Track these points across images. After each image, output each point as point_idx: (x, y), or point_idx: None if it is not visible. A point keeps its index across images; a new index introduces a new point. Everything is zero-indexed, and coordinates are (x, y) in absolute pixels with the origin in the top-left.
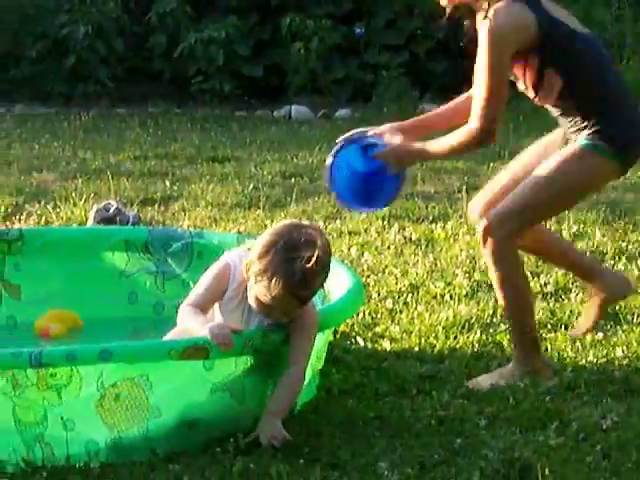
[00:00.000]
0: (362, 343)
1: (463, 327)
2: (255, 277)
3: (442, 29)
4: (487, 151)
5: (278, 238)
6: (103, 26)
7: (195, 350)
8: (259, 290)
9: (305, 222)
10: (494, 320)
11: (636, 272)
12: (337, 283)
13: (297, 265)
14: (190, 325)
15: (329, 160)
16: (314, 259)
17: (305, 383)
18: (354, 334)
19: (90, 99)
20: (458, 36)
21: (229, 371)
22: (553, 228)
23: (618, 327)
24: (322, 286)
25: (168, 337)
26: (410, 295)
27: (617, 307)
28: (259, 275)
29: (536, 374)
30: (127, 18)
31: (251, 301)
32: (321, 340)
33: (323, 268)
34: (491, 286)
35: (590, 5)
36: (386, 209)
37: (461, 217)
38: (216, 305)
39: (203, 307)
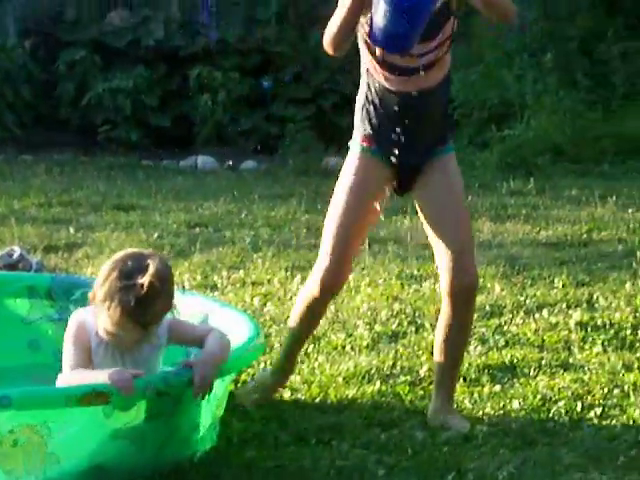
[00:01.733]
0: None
1: (363, 378)
2: (99, 308)
3: (348, 84)
4: (391, 206)
5: (114, 267)
6: (10, 73)
7: (95, 396)
8: (104, 320)
9: (146, 251)
10: (394, 371)
11: (533, 326)
12: (238, 332)
13: (131, 292)
14: (84, 376)
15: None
16: (147, 285)
17: (205, 431)
18: None
19: None
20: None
21: (129, 417)
22: None
23: (515, 379)
24: (167, 310)
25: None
26: (311, 346)
27: (514, 360)
28: (101, 305)
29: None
30: (35, 65)
31: (101, 333)
32: (221, 388)
33: (158, 293)
34: (392, 337)
35: (493, 65)
36: (290, 260)
37: (363, 269)
38: None
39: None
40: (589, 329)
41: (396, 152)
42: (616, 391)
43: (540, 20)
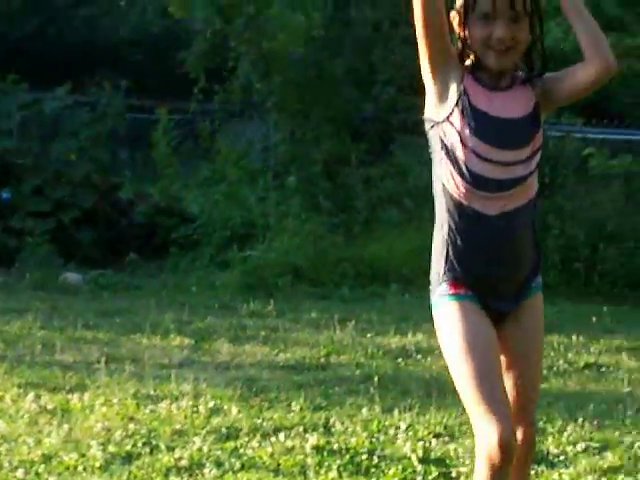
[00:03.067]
0: None
1: None
2: None
3: (89, 199)
4: (128, 323)
5: None
6: None
7: None
8: None
9: None
10: None
11: (270, 449)
12: None
13: None
14: None
15: None
16: None
17: None
18: None
19: None
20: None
21: None
22: (190, 403)
23: None
24: None
25: None
26: (43, 465)
27: None
28: None
29: None
30: None
31: None
32: None
33: None
34: (125, 458)
35: (236, 185)
36: (23, 377)
37: (99, 388)
38: None
39: None
40: (325, 453)
41: (488, 297)
42: None
43: (285, 142)
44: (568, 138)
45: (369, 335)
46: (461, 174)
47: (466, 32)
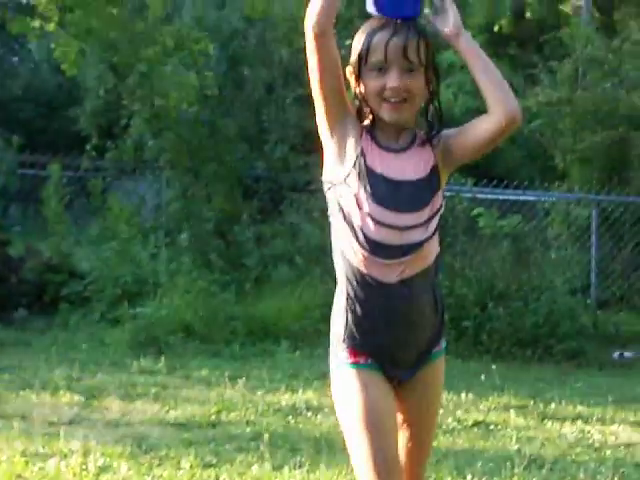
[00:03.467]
0: None
1: None
2: None
3: None
4: (17, 379)
5: None
6: None
7: None
8: None
9: None
10: None
11: None
12: None
13: None
14: None
15: None
16: None
17: None
18: None
19: None
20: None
21: None
22: (80, 461)
23: None
24: None
25: None
26: None
27: None
28: None
29: None
30: None
31: None
32: None
33: None
34: None
35: (128, 242)
36: None
37: None
38: None
39: None
40: None
41: (387, 364)
42: None
43: (177, 199)
44: (458, 198)
45: (259, 392)
46: (358, 240)
47: (362, 87)
